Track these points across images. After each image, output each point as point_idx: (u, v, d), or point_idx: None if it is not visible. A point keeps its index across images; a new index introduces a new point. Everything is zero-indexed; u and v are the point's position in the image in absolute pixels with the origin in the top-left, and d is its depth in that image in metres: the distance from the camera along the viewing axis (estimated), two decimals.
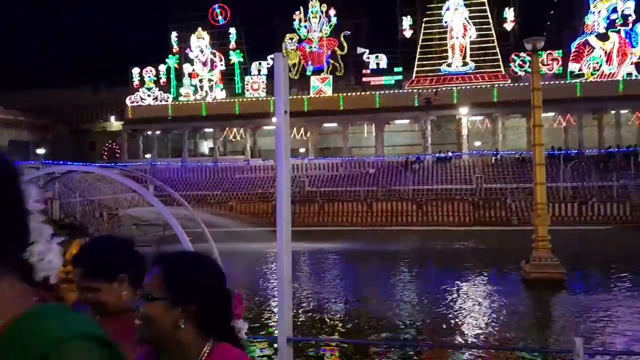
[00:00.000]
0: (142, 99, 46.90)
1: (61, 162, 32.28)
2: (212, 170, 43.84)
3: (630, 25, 39.59)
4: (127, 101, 47.12)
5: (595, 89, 39.51)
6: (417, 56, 43.64)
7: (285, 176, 4.35)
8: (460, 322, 12.12)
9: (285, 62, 4.36)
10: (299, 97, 43.59)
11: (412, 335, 11.24)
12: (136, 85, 47.34)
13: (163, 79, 47.16)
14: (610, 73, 40.13)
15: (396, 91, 43.11)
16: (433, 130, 43.63)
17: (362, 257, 23.34)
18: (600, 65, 40.40)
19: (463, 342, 10.82)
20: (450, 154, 41.74)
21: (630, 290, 15.51)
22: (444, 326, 11.86)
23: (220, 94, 46.60)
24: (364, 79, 44.49)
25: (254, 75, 45.05)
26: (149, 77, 46.99)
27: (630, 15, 39.53)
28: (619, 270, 18.44)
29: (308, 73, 44.53)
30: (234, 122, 45.23)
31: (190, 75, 46.65)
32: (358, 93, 43.27)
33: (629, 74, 39.73)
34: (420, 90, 42.07)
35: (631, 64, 39.72)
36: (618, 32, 39.87)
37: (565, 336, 10.61)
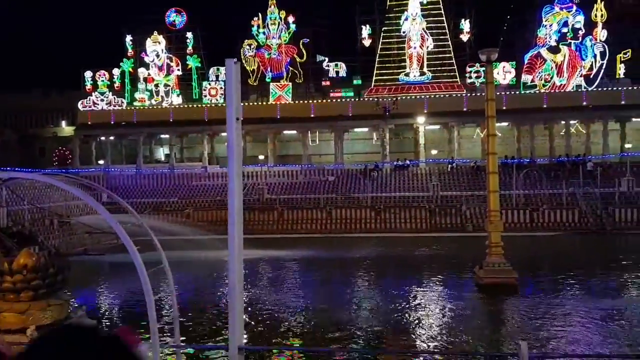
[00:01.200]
0: (95, 103, 45.45)
1: (7, 169, 30.82)
2: (169, 177, 42.86)
3: (580, 38, 41.43)
4: (79, 106, 45.58)
5: (546, 100, 41.07)
6: (376, 65, 44.21)
7: (236, 183, 4.23)
8: (415, 328, 12.22)
9: (237, 68, 4.24)
10: (258, 103, 43.35)
11: (368, 341, 11.22)
12: (89, 89, 45.86)
13: (117, 84, 45.86)
14: (561, 85, 41.82)
15: (355, 99, 43.49)
16: (391, 139, 44.22)
17: (321, 264, 23.29)
18: (552, 77, 42.04)
19: (416, 347, 10.88)
20: (407, 162, 42.41)
21: (578, 293, 16.10)
22: (400, 332, 11.92)
23: (176, 99, 45.73)
24: (323, 87, 44.67)
25: (211, 81, 44.47)
26: (102, 81, 45.62)
27: (580, 29, 41.36)
28: (567, 275, 19.14)
29: (267, 80, 44.33)
30: (191, 128, 44.47)
31: (145, 79, 45.58)
32: (317, 101, 43.43)
33: (579, 86, 41.52)
34: (379, 99, 42.59)
35: (580, 76, 41.51)
36: (568, 45, 41.64)
37: (515, 339, 10.83)
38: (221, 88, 43.29)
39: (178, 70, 45.63)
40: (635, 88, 40.65)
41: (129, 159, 47.87)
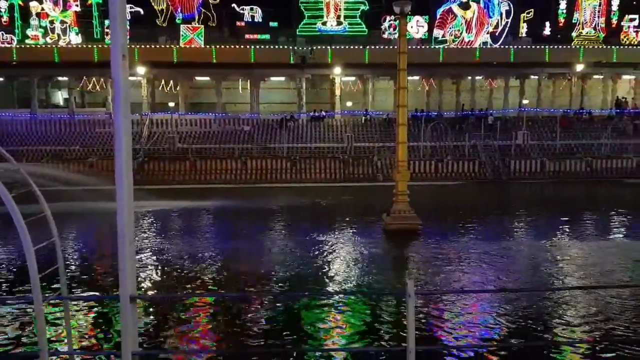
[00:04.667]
0: None
1: None
2: (68, 123, 39.85)
3: None
4: None
5: (455, 56, 42.61)
6: (294, 12, 43.13)
7: (124, 129, 3.93)
8: (322, 272, 12.65)
9: (122, 1, 3.87)
10: (167, 46, 40.89)
11: (277, 286, 11.47)
12: None
13: (5, 18, 40.95)
14: (469, 41, 43.45)
15: (272, 47, 42.42)
16: (308, 89, 43.99)
17: (235, 214, 23.21)
18: (461, 33, 43.51)
19: (318, 289, 11.32)
20: (323, 113, 42.63)
21: (474, 236, 17.45)
22: (307, 276, 12.29)
23: (75, 38, 41.83)
24: (239, 32, 42.98)
25: None
26: None
27: None
28: (466, 220, 20.65)
29: (177, 21, 41.68)
30: (93, 70, 41.08)
31: (38, 15, 41.06)
32: (232, 46, 41.79)
33: (485, 43, 43.38)
34: (296, 48, 41.86)
35: (487, 33, 43.34)
36: (478, 2, 43.07)
37: (409, 278, 11.60)
38: (127, 27, 40.09)
39: (76, 5, 41.51)
40: (535, 47, 43.26)
41: (22, 103, 43.73)
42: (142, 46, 39.42)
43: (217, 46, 41.13)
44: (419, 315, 9.23)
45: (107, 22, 41.25)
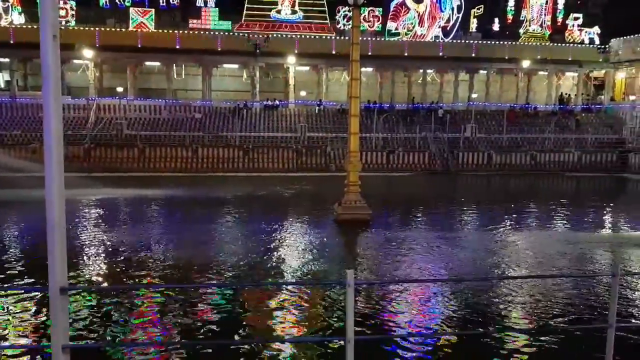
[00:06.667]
0: None
1: None
2: (10, 107, 37.82)
3: None
4: None
5: (407, 48, 43.19)
6: None
7: (54, 113, 3.76)
8: (270, 262, 12.64)
9: None
10: (116, 29, 39.37)
11: (224, 277, 11.37)
12: None
13: None
14: (422, 34, 44.15)
15: (225, 33, 41.62)
16: (262, 78, 43.53)
17: (185, 203, 22.78)
18: (414, 26, 44.14)
19: (263, 279, 11.32)
20: (277, 102, 42.34)
21: (421, 226, 17.90)
22: (255, 266, 12.24)
23: (18, 18, 39.65)
24: (190, 17, 41.88)
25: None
26: None
27: None
28: (415, 210, 21.14)
29: (127, 4, 40.15)
30: (36, 52, 38.86)
31: None
32: (184, 31, 40.72)
33: (436, 37, 44.20)
34: (249, 35, 41.26)
35: (439, 27, 44.16)
36: None
37: (357, 269, 11.77)
38: (72, 8, 38.33)
39: None
40: (484, 42, 44.49)
41: None
42: (89, 28, 37.84)
43: (168, 31, 39.99)
44: (366, 305, 9.41)
45: None
